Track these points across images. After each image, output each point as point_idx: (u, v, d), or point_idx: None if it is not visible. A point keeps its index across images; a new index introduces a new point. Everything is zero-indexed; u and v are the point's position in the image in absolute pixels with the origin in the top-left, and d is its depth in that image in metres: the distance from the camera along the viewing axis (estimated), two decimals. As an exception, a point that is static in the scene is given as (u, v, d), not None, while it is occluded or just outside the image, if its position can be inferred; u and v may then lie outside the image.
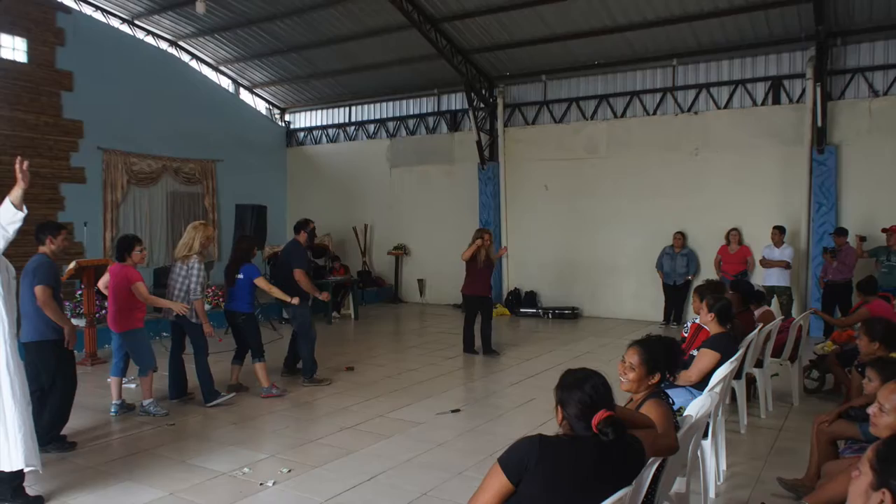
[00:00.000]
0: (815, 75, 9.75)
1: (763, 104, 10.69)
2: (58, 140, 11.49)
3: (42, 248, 4.91)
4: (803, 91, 10.19)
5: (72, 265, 7.70)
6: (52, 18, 11.44)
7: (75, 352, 5.11)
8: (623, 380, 3.02)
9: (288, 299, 6.71)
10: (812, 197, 10.12)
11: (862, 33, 9.81)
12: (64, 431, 5.04)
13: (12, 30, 10.89)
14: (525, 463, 2.11)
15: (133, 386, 6.46)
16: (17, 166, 3.71)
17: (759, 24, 10.09)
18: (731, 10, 9.83)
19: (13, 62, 10.93)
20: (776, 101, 10.59)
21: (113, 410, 5.85)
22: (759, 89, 10.73)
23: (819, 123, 9.84)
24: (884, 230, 9.01)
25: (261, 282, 6.54)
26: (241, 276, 6.46)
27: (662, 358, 3.02)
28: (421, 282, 14.12)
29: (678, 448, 2.74)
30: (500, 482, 2.13)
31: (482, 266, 8.45)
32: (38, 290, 4.72)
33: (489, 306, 8.78)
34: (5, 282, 3.89)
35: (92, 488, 4.22)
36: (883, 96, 9.79)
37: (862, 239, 9.39)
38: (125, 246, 5.84)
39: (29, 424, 3.88)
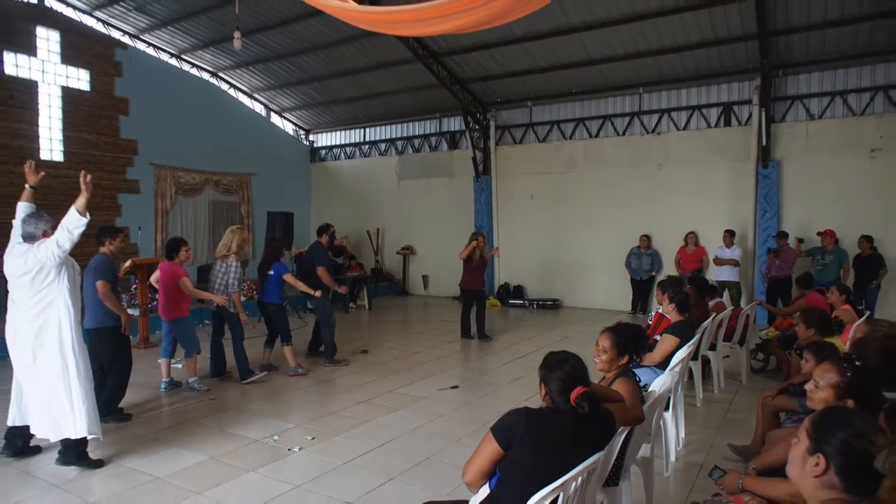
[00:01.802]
0: (761, 101, 9.77)
1: (716, 126, 10.67)
2: (116, 156, 11.49)
3: (102, 249, 4.92)
4: (750, 115, 10.18)
5: (128, 263, 7.68)
6: (112, 53, 11.45)
7: (131, 337, 5.11)
8: (597, 361, 3.02)
9: (312, 292, 6.71)
10: (757, 205, 10.12)
11: (800, 66, 9.81)
12: (121, 405, 5.04)
13: (77, 63, 10.93)
14: (514, 431, 2.11)
15: (180, 366, 6.47)
16: (82, 179, 3.71)
17: (713, 57, 10.09)
18: (689, 46, 9.83)
19: (78, 90, 10.96)
20: (727, 123, 10.58)
21: (163, 387, 5.86)
22: (713, 113, 10.72)
23: (763, 143, 9.86)
24: (819, 233, 9.03)
25: (288, 277, 6.53)
26: (271, 272, 6.46)
27: (630, 342, 3.02)
28: (425, 277, 14.10)
29: (644, 419, 2.74)
30: (492, 448, 2.14)
31: (477, 264, 8.44)
32: (99, 284, 4.73)
33: (483, 298, 8.77)
34: (71, 277, 3.90)
35: (145, 453, 4.22)
36: (818, 119, 9.80)
37: (800, 241, 9.41)
38: (173, 247, 5.85)
39: (91, 399, 3.88)
